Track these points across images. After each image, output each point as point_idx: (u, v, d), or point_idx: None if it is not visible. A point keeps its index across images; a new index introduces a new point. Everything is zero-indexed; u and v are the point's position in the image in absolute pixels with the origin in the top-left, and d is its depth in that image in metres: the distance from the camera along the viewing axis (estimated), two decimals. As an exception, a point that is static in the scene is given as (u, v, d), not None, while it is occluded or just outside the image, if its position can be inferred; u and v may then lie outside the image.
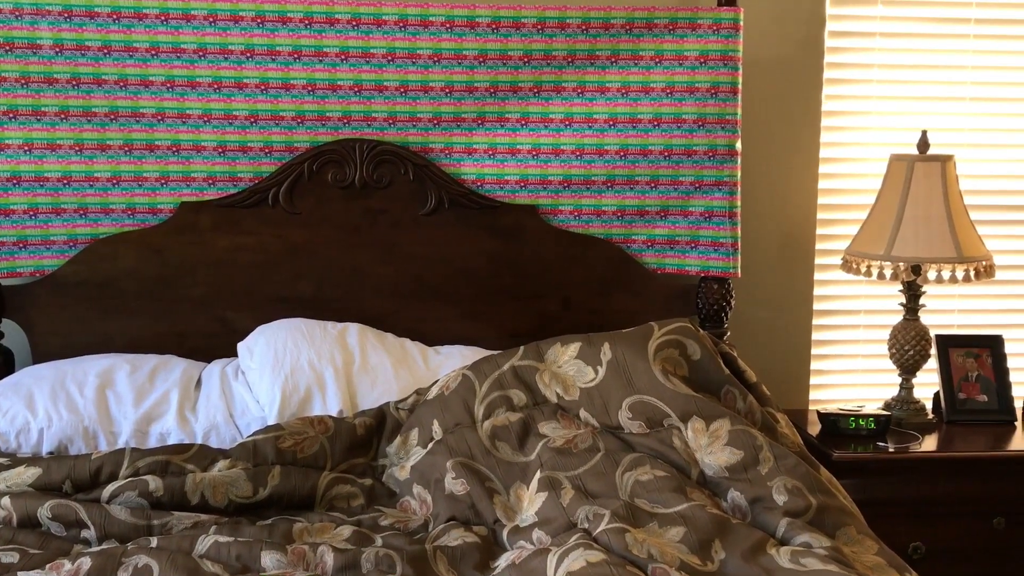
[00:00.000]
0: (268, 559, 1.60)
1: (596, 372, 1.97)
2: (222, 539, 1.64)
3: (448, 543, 1.69)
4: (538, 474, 1.82)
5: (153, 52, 2.29)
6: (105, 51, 2.28)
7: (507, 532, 1.74)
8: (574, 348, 2.02)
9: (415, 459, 1.93)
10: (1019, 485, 2.38)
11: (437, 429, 1.96)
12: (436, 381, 2.10)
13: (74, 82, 2.28)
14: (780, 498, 1.73)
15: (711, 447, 1.82)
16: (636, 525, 1.64)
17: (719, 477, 1.81)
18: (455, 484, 1.83)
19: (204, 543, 1.64)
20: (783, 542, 1.64)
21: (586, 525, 1.67)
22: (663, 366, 1.93)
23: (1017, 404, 2.61)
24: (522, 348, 2.07)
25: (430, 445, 1.94)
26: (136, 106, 2.31)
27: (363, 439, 2.00)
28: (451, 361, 2.25)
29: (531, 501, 1.78)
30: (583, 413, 1.95)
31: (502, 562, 1.64)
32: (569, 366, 2.01)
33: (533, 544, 1.67)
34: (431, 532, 1.75)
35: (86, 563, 1.57)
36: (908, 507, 2.35)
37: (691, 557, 1.57)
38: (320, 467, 1.92)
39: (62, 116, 2.29)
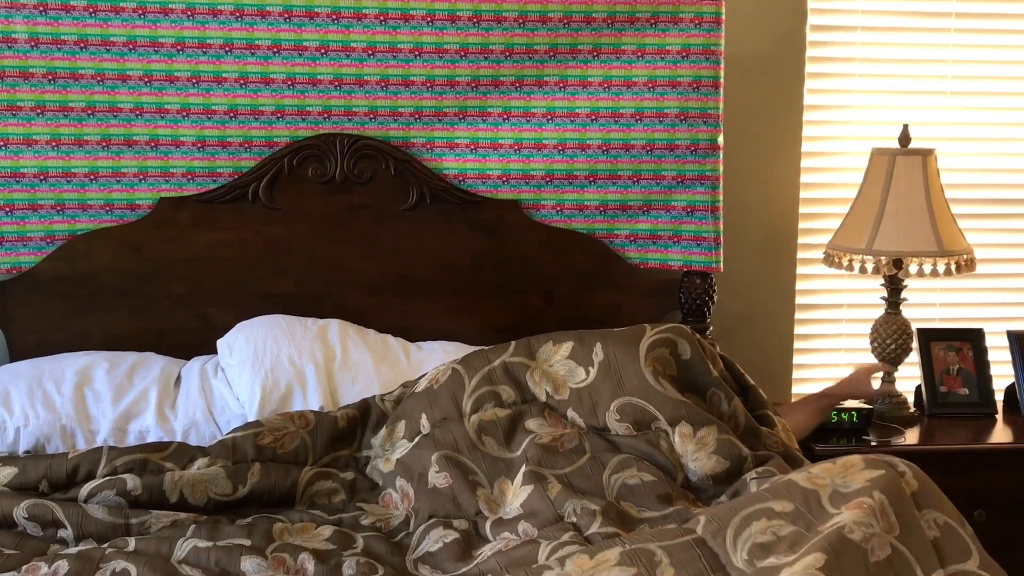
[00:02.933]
0: (248, 563, 1.59)
1: (588, 373, 1.96)
2: (201, 544, 1.63)
3: (429, 549, 1.68)
4: (523, 468, 1.81)
5: (130, 46, 2.26)
6: (82, 45, 2.25)
7: (490, 524, 1.73)
8: (566, 348, 2.01)
9: (401, 452, 1.92)
10: (1000, 477, 2.40)
11: (425, 423, 1.95)
12: (424, 374, 2.09)
13: (50, 76, 2.25)
14: (754, 483, 1.76)
15: (697, 453, 1.83)
16: (626, 529, 1.64)
17: (704, 484, 1.81)
18: (438, 477, 1.82)
19: (183, 548, 1.62)
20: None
21: (574, 519, 1.66)
22: (654, 367, 1.93)
23: (998, 397, 2.63)
24: (513, 344, 2.06)
25: (417, 439, 1.93)
26: (113, 101, 2.28)
27: (345, 431, 1.98)
28: (433, 357, 2.24)
29: (515, 494, 1.78)
30: (570, 413, 1.94)
31: (486, 550, 1.63)
32: (561, 366, 2.00)
33: (519, 536, 1.66)
34: (412, 537, 1.74)
35: (63, 567, 1.55)
36: (890, 500, 2.36)
37: None
38: (301, 462, 1.91)
39: (38, 111, 2.27)
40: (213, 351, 2.25)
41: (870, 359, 2.61)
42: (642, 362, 1.92)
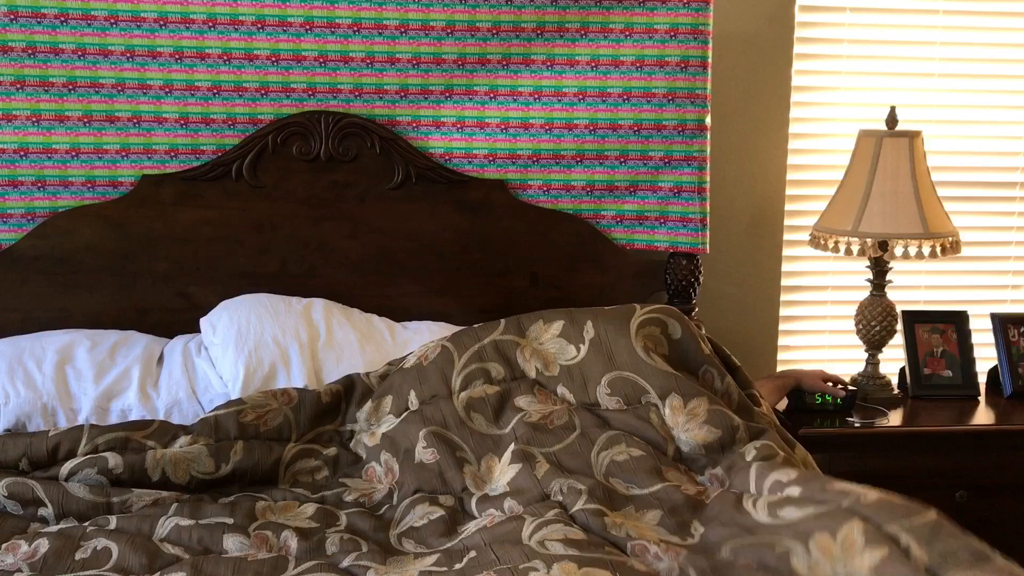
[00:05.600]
0: (231, 542, 1.58)
1: (578, 350, 1.97)
2: (183, 522, 1.62)
3: (413, 524, 1.67)
4: (512, 446, 1.81)
5: (112, 21, 2.23)
6: (62, 19, 2.22)
7: (476, 500, 1.73)
8: (557, 326, 2.01)
9: (387, 427, 1.92)
10: (981, 459, 2.41)
11: (413, 399, 1.94)
12: (412, 351, 2.08)
13: (30, 51, 2.22)
14: (750, 455, 1.75)
15: (688, 424, 1.83)
16: (613, 508, 1.64)
17: (696, 454, 1.81)
18: (425, 453, 1.82)
19: (165, 526, 1.61)
20: (756, 491, 1.64)
21: (560, 498, 1.66)
22: (645, 343, 1.93)
23: (981, 379, 2.64)
24: (503, 322, 2.05)
25: (404, 414, 1.92)
26: (95, 76, 2.25)
27: (329, 406, 1.98)
28: (419, 337, 2.23)
29: (503, 471, 1.78)
30: (560, 389, 1.94)
31: (471, 526, 1.63)
32: (551, 344, 2.00)
33: (504, 512, 1.66)
34: (396, 511, 1.73)
35: (43, 544, 1.54)
36: (873, 481, 2.33)
37: (671, 537, 1.57)
38: (285, 439, 1.90)
39: (18, 86, 2.23)
40: (195, 330, 2.23)
41: (855, 341, 2.61)
42: (632, 337, 1.93)
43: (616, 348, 1.93)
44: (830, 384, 2.48)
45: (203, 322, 2.20)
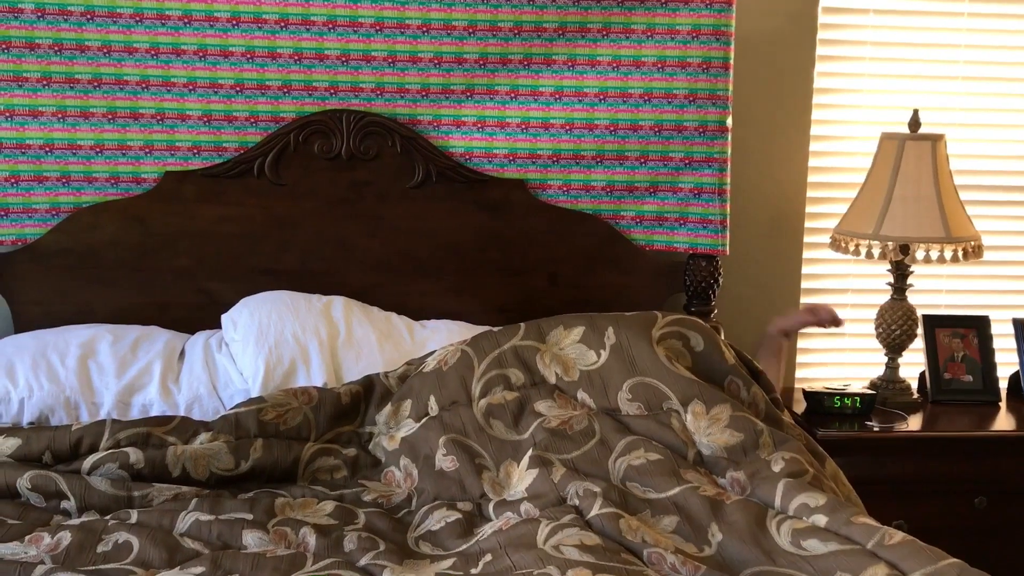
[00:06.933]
0: (250, 537, 1.59)
1: (599, 355, 1.96)
2: (203, 517, 1.63)
3: (431, 527, 1.68)
4: (530, 452, 1.81)
5: (137, 18, 2.25)
6: (88, 16, 2.24)
7: (493, 505, 1.73)
8: (577, 332, 2.01)
9: (406, 431, 1.92)
10: (1001, 465, 2.40)
11: (433, 405, 1.95)
12: (432, 352, 2.08)
13: (56, 47, 2.24)
14: (778, 467, 1.74)
15: (710, 429, 1.82)
16: (629, 512, 1.63)
17: (717, 457, 1.80)
18: (445, 460, 1.83)
19: (185, 521, 1.63)
20: (782, 509, 1.63)
21: (576, 502, 1.66)
22: (667, 353, 1.93)
23: (1002, 385, 2.62)
24: (523, 327, 2.05)
25: (424, 420, 1.93)
26: (120, 73, 2.27)
27: (349, 407, 1.98)
28: (437, 335, 2.24)
29: (521, 477, 1.78)
30: (581, 394, 1.94)
31: (487, 529, 1.64)
32: (572, 349, 1.99)
33: (520, 515, 1.66)
34: (415, 515, 1.74)
35: (66, 537, 1.56)
36: (891, 485, 2.36)
37: (687, 546, 1.56)
38: (304, 438, 1.91)
39: (44, 82, 2.26)
40: (215, 326, 2.25)
41: (875, 345, 2.60)
42: (654, 345, 1.92)
43: (638, 354, 1.93)
44: (814, 314, 2.44)
45: (224, 318, 2.22)
